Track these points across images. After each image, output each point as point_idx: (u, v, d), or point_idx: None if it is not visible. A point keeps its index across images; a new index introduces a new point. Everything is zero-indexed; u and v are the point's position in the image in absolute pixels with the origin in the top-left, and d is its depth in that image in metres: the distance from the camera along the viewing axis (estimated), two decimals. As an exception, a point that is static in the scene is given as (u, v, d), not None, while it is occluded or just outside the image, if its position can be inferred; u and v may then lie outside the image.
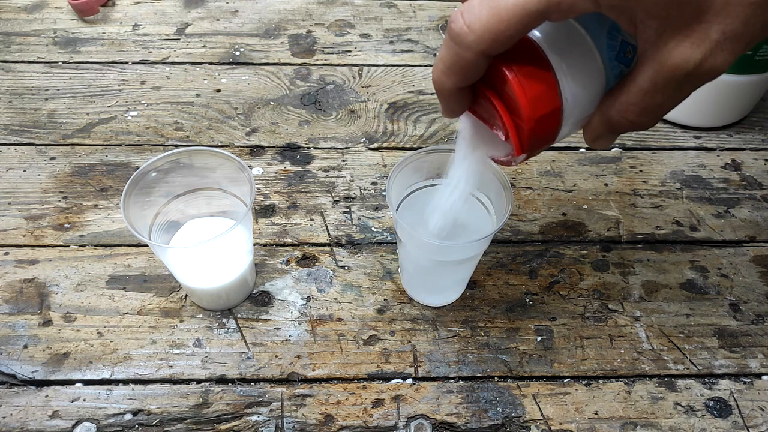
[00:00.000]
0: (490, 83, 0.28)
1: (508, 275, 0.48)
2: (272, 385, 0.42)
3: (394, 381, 0.42)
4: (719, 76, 0.27)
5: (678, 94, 0.27)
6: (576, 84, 0.28)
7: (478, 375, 0.42)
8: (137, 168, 0.44)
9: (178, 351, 0.43)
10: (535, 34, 0.28)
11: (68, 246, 0.49)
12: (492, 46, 0.26)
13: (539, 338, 0.44)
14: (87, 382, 0.41)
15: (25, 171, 0.54)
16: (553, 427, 0.40)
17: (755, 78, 0.55)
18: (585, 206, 0.53)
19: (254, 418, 0.40)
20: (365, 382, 0.42)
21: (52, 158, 0.55)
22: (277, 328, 0.44)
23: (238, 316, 0.45)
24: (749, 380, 0.43)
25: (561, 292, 0.47)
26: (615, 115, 0.29)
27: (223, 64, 0.65)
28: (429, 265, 0.42)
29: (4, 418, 0.39)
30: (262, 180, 0.54)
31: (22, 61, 0.64)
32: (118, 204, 0.51)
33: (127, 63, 0.64)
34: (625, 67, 0.29)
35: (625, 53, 0.29)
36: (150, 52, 0.65)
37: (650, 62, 0.27)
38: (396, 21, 0.71)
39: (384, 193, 0.53)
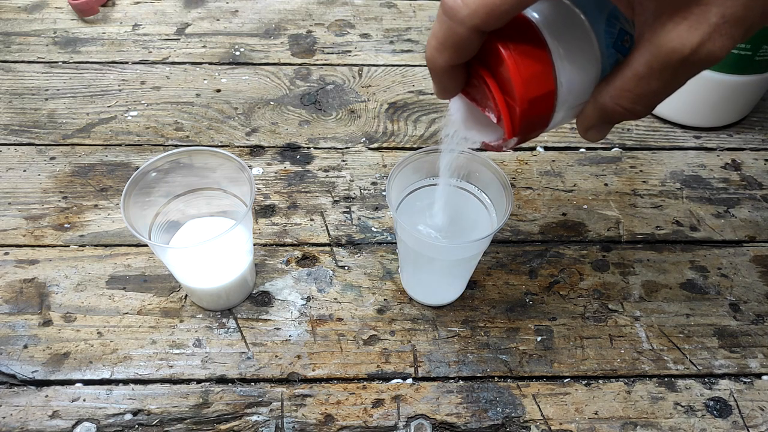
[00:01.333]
0: (484, 62, 0.28)
1: (508, 275, 0.48)
2: (272, 385, 0.42)
3: (394, 381, 0.42)
4: (715, 64, 0.26)
5: (674, 80, 0.26)
6: (572, 68, 0.27)
7: (478, 375, 0.42)
8: (137, 168, 0.44)
9: (178, 351, 0.43)
10: (533, 15, 0.27)
11: (68, 246, 0.49)
12: (486, 21, 0.25)
13: (539, 338, 0.44)
14: (87, 382, 0.41)
15: (25, 171, 0.54)
16: (553, 427, 0.40)
17: (755, 78, 0.55)
18: (585, 206, 0.53)
19: (254, 418, 0.40)
20: (365, 382, 0.42)
21: (52, 158, 0.55)
22: (277, 328, 0.44)
23: (238, 316, 0.45)
24: (749, 380, 0.43)
25: (561, 292, 0.47)
26: (608, 101, 0.28)
27: (223, 64, 0.65)
28: (429, 265, 0.42)
29: (4, 418, 0.39)
30: (262, 180, 0.54)
31: (22, 61, 0.64)
32: (118, 204, 0.51)
33: (127, 63, 0.64)
34: (621, 56, 0.28)
35: (622, 41, 0.28)
36: (150, 52, 0.65)
37: (646, 46, 0.26)
38: (396, 21, 0.71)
39: (384, 193, 0.53)
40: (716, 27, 0.24)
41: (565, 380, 0.42)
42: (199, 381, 0.42)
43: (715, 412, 0.41)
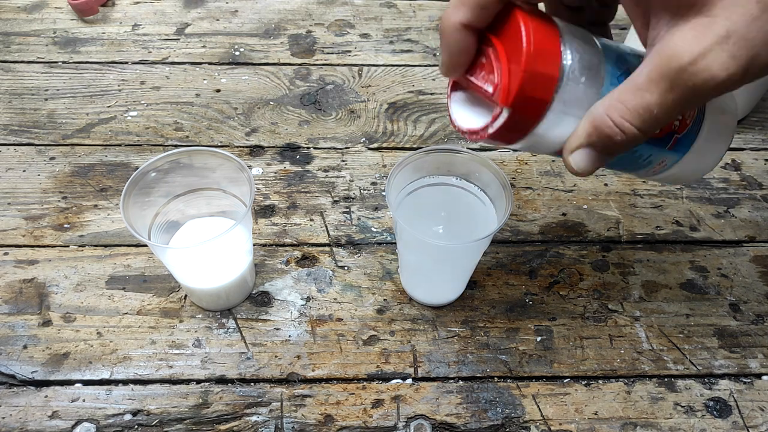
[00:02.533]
0: (496, 34, 0.28)
1: (508, 275, 0.48)
2: (272, 385, 0.42)
3: (394, 381, 0.42)
4: (715, 91, 0.25)
5: (669, 94, 0.26)
6: (576, 74, 0.28)
7: (478, 375, 0.42)
8: (137, 168, 0.44)
9: (177, 351, 0.43)
10: (558, 21, 0.28)
11: (68, 246, 0.49)
12: None
13: (539, 338, 0.44)
14: (87, 383, 0.41)
15: (25, 171, 0.54)
16: (552, 428, 0.40)
17: (755, 78, 0.55)
18: (585, 206, 0.53)
19: (254, 418, 0.40)
20: (365, 383, 0.42)
21: (52, 158, 0.55)
22: (277, 329, 0.44)
23: (238, 316, 0.45)
24: (749, 380, 0.43)
25: (561, 292, 0.47)
26: (600, 110, 0.27)
27: (222, 64, 0.65)
28: (428, 265, 0.42)
29: (3, 418, 0.39)
30: (262, 180, 0.54)
31: (22, 61, 0.64)
32: (117, 204, 0.51)
33: (127, 63, 0.64)
34: None
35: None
36: (150, 52, 0.65)
37: (651, 55, 0.26)
38: (396, 21, 0.71)
39: (384, 193, 0.53)
40: (719, 40, 0.24)
41: (565, 380, 0.42)
42: (198, 381, 0.42)
43: (715, 413, 0.41)
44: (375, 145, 0.57)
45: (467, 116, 0.32)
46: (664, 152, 0.32)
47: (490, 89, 0.29)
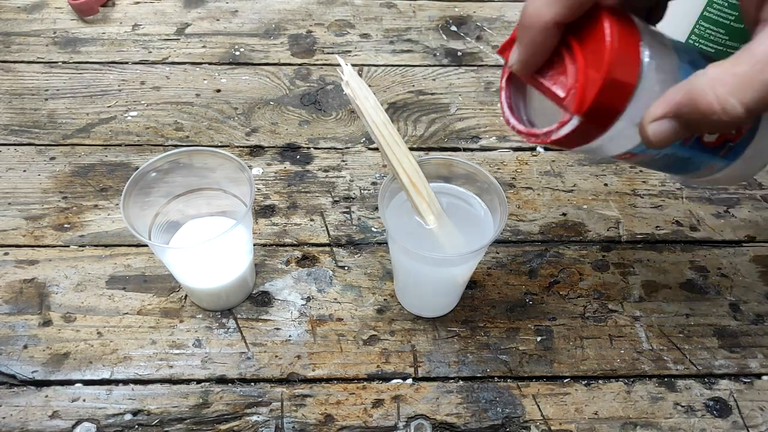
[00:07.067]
0: (575, 32, 0.27)
1: (508, 275, 0.48)
2: (272, 385, 0.42)
3: (394, 381, 0.42)
4: None
5: None
6: (651, 81, 0.26)
7: (478, 375, 0.42)
8: (137, 168, 0.44)
9: (178, 351, 0.43)
10: (639, 22, 0.27)
11: (68, 246, 0.49)
12: None
13: (539, 338, 0.44)
14: (87, 383, 0.41)
15: (25, 171, 0.54)
16: (553, 427, 0.40)
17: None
18: (585, 206, 0.53)
19: (254, 418, 0.40)
20: (365, 382, 0.42)
21: (52, 158, 0.55)
22: (277, 328, 0.44)
23: (238, 316, 0.45)
24: (749, 380, 0.43)
25: (561, 292, 0.47)
26: (703, 84, 0.24)
27: (223, 64, 0.65)
28: (422, 275, 0.41)
29: (4, 418, 0.39)
30: (262, 180, 0.54)
31: (22, 61, 0.64)
32: (118, 204, 0.51)
33: (127, 63, 0.64)
34: None
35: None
36: (150, 52, 0.65)
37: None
38: (396, 21, 0.71)
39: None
40: None
41: (565, 380, 0.42)
42: (199, 381, 0.42)
43: (715, 412, 0.41)
44: (375, 145, 0.57)
45: (524, 116, 0.31)
46: (715, 159, 0.31)
47: (562, 93, 0.27)
